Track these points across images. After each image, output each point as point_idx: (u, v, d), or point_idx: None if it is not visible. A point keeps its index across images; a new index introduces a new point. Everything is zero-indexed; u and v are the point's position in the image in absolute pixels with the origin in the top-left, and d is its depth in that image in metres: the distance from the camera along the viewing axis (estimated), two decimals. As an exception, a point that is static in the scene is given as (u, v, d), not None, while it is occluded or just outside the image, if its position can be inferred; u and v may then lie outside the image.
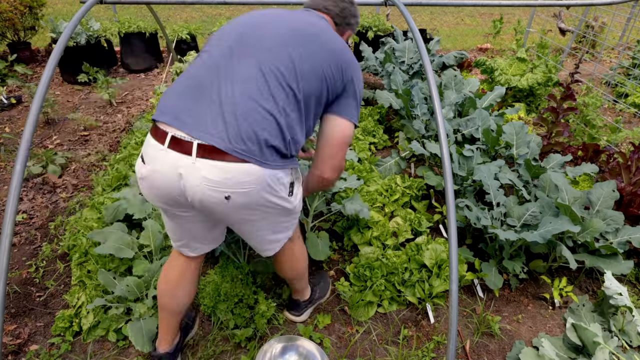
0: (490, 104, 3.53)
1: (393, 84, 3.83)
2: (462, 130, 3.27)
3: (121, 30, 5.09)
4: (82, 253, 2.30)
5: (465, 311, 2.28)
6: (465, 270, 2.34)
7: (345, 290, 2.30)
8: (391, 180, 2.97)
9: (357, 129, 3.64)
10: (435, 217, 2.80)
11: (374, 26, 5.40)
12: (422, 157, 3.40)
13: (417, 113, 3.41)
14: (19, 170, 1.57)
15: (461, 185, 2.77)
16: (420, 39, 2.18)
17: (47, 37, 5.92)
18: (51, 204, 2.95)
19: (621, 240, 2.28)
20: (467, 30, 7.92)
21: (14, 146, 3.56)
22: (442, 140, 1.87)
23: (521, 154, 2.92)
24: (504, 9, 9.00)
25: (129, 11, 7.41)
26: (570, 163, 3.19)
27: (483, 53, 6.56)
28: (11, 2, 4.92)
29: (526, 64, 4.51)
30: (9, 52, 5.14)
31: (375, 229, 2.57)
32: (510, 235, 2.16)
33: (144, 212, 2.42)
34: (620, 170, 2.79)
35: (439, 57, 4.14)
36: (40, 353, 1.94)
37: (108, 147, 3.65)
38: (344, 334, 2.13)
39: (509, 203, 2.50)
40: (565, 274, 2.52)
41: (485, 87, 4.58)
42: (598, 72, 5.53)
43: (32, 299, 2.24)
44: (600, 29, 6.18)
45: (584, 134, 3.84)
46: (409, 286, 2.28)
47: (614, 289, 1.97)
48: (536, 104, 4.49)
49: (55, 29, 4.76)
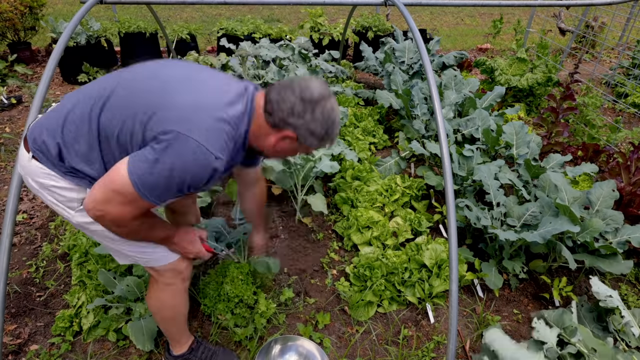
0: (490, 104, 3.53)
1: (393, 84, 3.84)
2: (462, 130, 3.28)
3: (121, 30, 5.09)
4: (82, 253, 2.30)
5: (465, 311, 2.28)
6: (465, 270, 2.34)
7: (345, 290, 2.30)
8: (391, 180, 2.97)
9: (358, 129, 3.65)
10: (435, 217, 2.81)
11: (374, 26, 5.40)
12: (422, 157, 3.40)
13: (417, 113, 3.41)
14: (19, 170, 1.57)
15: (461, 185, 2.77)
16: (420, 39, 2.18)
17: (47, 37, 5.92)
18: (51, 204, 2.95)
19: (621, 240, 2.28)
20: (467, 30, 7.92)
21: (14, 146, 3.56)
22: (442, 140, 1.87)
23: (521, 154, 2.92)
24: (504, 9, 9.01)
25: (129, 11, 7.41)
26: (570, 163, 3.19)
27: (483, 53, 6.56)
28: (11, 2, 4.92)
29: (526, 64, 4.51)
30: (9, 52, 5.14)
31: (375, 229, 2.57)
32: (510, 235, 2.16)
33: (144, 212, 2.41)
34: (620, 170, 2.79)
35: (439, 57, 4.15)
36: (41, 353, 1.94)
37: (108, 147, 3.65)
38: (344, 333, 2.13)
39: (509, 203, 2.50)
40: (565, 274, 2.52)
41: (485, 87, 4.58)
42: (598, 72, 5.54)
43: (32, 298, 2.24)
44: (600, 29, 6.18)
45: (583, 134, 3.84)
46: (409, 286, 2.28)
47: (603, 292, 1.98)
48: (536, 104, 4.49)
49: (55, 29, 4.76)
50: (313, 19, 5.34)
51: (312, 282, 2.40)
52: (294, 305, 2.25)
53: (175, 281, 1.64)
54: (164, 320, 1.76)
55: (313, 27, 5.33)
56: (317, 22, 5.33)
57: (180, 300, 1.72)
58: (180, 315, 1.76)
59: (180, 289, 1.68)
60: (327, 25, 5.39)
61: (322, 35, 5.29)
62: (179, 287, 1.67)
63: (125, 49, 5.23)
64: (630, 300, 2.37)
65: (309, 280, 2.41)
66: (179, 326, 1.80)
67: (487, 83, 4.66)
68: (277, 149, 1.43)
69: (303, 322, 2.16)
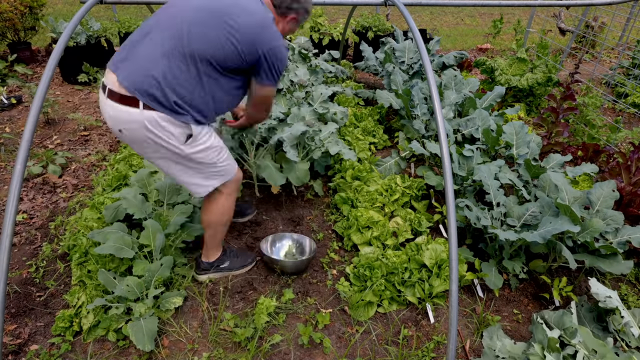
0: (490, 104, 3.53)
1: (393, 84, 3.84)
2: (462, 130, 3.28)
3: (121, 30, 5.09)
4: (82, 253, 2.30)
5: (465, 311, 2.28)
6: (465, 270, 2.34)
7: (345, 290, 2.30)
8: (391, 180, 2.97)
9: (358, 129, 3.65)
10: (435, 217, 2.81)
11: (374, 26, 5.40)
12: (422, 157, 3.40)
13: (417, 113, 3.41)
14: (19, 170, 1.57)
15: (461, 185, 2.77)
16: (420, 39, 2.18)
17: (47, 37, 5.92)
18: (51, 204, 2.95)
19: (621, 240, 2.28)
20: (467, 30, 7.92)
21: (14, 146, 3.56)
22: (442, 140, 1.87)
23: (521, 154, 2.92)
24: (504, 9, 9.01)
25: (129, 11, 7.41)
26: (570, 163, 3.19)
27: (483, 53, 6.56)
28: (11, 2, 4.92)
29: (526, 64, 4.51)
30: (9, 52, 5.14)
31: (375, 229, 2.57)
32: (510, 235, 2.16)
33: (144, 212, 2.42)
34: (620, 170, 2.79)
35: (439, 57, 4.15)
36: (41, 353, 1.94)
37: (108, 147, 3.65)
38: (344, 333, 2.13)
39: (509, 203, 2.50)
40: (565, 274, 2.52)
41: (485, 87, 4.58)
42: (598, 72, 5.54)
43: (32, 299, 2.24)
44: (600, 29, 6.18)
45: (583, 134, 3.84)
46: (409, 286, 2.28)
47: (603, 292, 1.98)
48: (536, 104, 4.49)
49: (55, 29, 4.76)
50: (313, 18, 5.34)
51: (312, 282, 2.40)
52: (293, 305, 2.25)
53: (235, 189, 2.14)
54: (220, 227, 2.19)
55: (313, 26, 5.33)
56: (317, 21, 5.33)
57: (234, 205, 2.19)
58: (229, 221, 2.23)
59: (235, 196, 2.18)
60: (327, 25, 5.39)
61: (322, 35, 5.29)
62: (235, 195, 2.17)
63: (125, 49, 5.22)
64: (630, 300, 2.37)
65: (309, 280, 2.41)
66: (223, 233, 2.26)
67: (487, 83, 4.66)
68: (285, 31, 1.98)
69: (303, 322, 2.16)
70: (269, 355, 2.00)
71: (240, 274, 2.39)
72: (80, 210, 2.76)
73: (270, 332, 2.10)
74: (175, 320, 2.12)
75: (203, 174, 1.95)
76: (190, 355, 1.98)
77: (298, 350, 2.03)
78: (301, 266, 2.41)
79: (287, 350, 2.02)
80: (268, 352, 2.00)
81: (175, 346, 2.02)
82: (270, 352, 2.01)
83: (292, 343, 2.05)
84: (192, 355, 1.98)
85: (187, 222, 2.46)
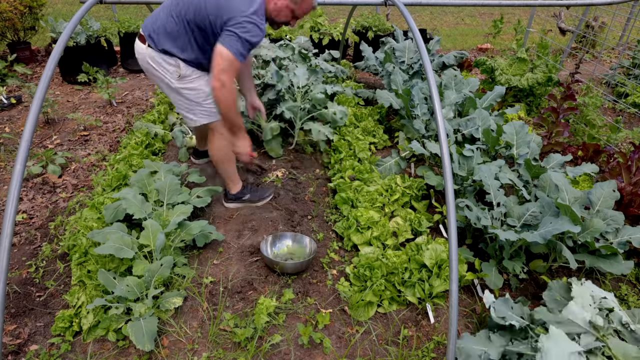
0: (490, 104, 3.53)
1: (393, 84, 3.83)
2: (462, 130, 3.27)
3: (121, 30, 5.09)
4: (82, 253, 2.30)
5: (465, 311, 2.28)
6: (465, 270, 2.34)
7: (345, 290, 2.30)
8: (391, 180, 2.97)
9: (358, 129, 3.65)
10: (435, 217, 2.80)
11: (374, 26, 5.40)
12: (422, 157, 3.40)
13: (417, 113, 3.41)
14: (19, 170, 1.57)
15: (461, 185, 2.77)
16: (420, 39, 2.18)
17: (47, 37, 5.92)
18: (51, 204, 2.95)
19: (621, 240, 2.28)
20: (467, 30, 7.92)
21: (14, 146, 3.56)
22: (442, 140, 1.87)
23: (521, 154, 2.92)
24: (504, 9, 9.00)
25: (129, 11, 7.41)
26: (571, 163, 3.19)
27: (483, 53, 6.56)
28: (11, 2, 4.92)
29: (526, 64, 4.51)
30: (8, 52, 5.14)
31: (375, 229, 2.57)
32: (510, 235, 2.16)
33: (144, 212, 2.42)
34: (621, 170, 2.79)
35: (439, 57, 4.14)
36: (40, 353, 1.94)
37: (108, 147, 3.65)
38: (344, 334, 2.13)
39: (509, 203, 2.50)
40: (565, 274, 2.52)
41: (486, 87, 4.58)
42: (598, 72, 5.54)
43: (32, 299, 2.23)
44: (600, 29, 6.18)
45: (584, 134, 3.84)
46: (409, 286, 2.28)
47: (597, 294, 1.97)
48: (536, 104, 4.49)
49: (55, 29, 4.76)
50: (313, 18, 5.34)
51: (312, 282, 2.40)
52: (293, 305, 2.24)
53: (224, 130, 2.52)
54: (225, 161, 2.68)
55: (313, 26, 5.33)
56: (317, 21, 5.33)
57: (228, 144, 2.58)
58: (232, 155, 2.66)
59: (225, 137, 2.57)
60: (327, 25, 5.39)
61: (322, 35, 5.29)
62: (226, 135, 2.54)
63: (125, 48, 5.23)
64: (630, 301, 2.36)
65: (309, 280, 2.41)
66: (233, 167, 2.75)
67: (487, 83, 4.65)
68: (277, 8, 2.26)
69: (303, 322, 2.16)
70: (269, 355, 2.00)
71: (260, 206, 2.89)
72: (80, 210, 2.76)
73: (270, 332, 2.09)
74: (175, 320, 2.12)
75: (193, 112, 2.50)
76: (190, 355, 1.98)
77: (298, 351, 2.02)
78: (301, 267, 2.41)
79: (287, 351, 2.02)
80: (268, 352, 2.00)
81: (175, 346, 2.02)
82: (270, 352, 2.00)
83: (292, 343, 2.05)
84: (192, 356, 1.97)
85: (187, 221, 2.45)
